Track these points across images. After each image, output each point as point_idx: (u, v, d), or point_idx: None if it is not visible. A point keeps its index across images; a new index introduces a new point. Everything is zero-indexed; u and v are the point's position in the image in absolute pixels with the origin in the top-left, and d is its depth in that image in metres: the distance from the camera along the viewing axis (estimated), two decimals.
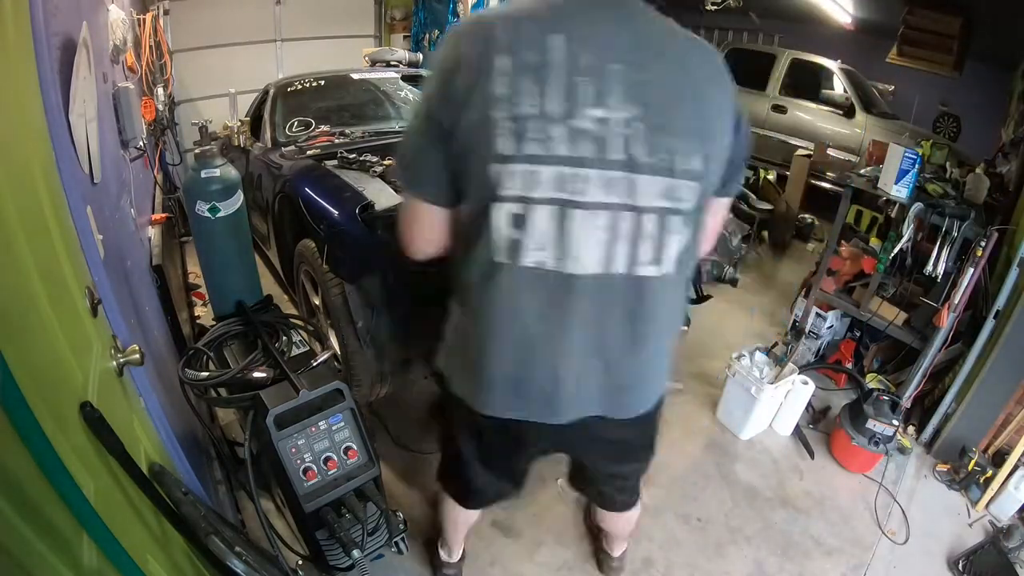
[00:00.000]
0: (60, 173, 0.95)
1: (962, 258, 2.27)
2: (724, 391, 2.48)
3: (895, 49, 4.78)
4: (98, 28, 1.97)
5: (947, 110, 5.38)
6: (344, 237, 1.80)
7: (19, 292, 0.71)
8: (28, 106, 0.89)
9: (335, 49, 5.12)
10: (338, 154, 2.18)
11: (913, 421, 2.53)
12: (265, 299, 1.88)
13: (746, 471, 2.28)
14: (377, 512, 1.45)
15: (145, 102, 3.00)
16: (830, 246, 2.88)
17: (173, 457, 1.24)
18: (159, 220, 2.48)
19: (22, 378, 0.62)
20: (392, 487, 2.04)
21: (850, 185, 2.76)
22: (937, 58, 4.54)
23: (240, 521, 1.72)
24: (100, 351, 0.95)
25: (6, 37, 0.80)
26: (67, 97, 1.15)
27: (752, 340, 3.11)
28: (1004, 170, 2.77)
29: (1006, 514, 2.10)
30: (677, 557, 1.89)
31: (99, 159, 1.34)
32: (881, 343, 2.77)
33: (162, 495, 0.95)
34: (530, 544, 1.90)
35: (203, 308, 2.81)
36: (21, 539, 0.60)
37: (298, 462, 1.35)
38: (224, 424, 2.09)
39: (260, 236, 2.68)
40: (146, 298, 1.76)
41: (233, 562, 0.92)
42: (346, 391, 1.43)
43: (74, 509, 0.72)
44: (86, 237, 1.01)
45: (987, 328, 2.20)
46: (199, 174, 1.65)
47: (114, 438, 0.82)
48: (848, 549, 1.97)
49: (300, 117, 2.73)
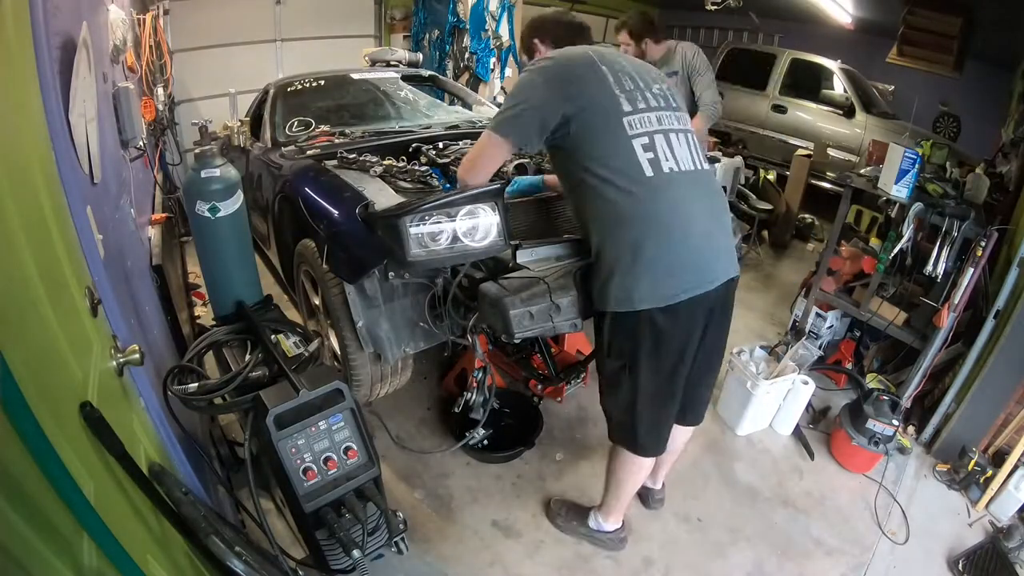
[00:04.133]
0: (60, 173, 0.95)
1: (962, 258, 2.27)
2: (723, 387, 2.50)
3: (895, 49, 4.79)
4: (98, 28, 1.97)
5: (947, 110, 5.38)
6: (344, 237, 1.80)
7: (19, 292, 0.71)
8: (28, 106, 0.89)
9: (335, 49, 5.12)
10: (338, 154, 2.17)
11: (913, 421, 2.53)
12: (265, 299, 1.88)
13: (746, 471, 2.29)
14: (377, 512, 1.45)
15: (145, 102, 3.01)
16: (830, 246, 2.88)
17: (173, 457, 1.24)
18: (159, 220, 2.48)
19: (22, 378, 0.62)
20: (392, 487, 2.04)
21: (850, 185, 2.76)
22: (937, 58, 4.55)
23: (240, 521, 1.72)
24: (100, 351, 0.95)
25: (6, 37, 0.80)
26: (67, 97, 1.15)
27: (752, 339, 3.12)
28: (1004, 170, 2.77)
29: (1006, 514, 2.10)
30: (677, 557, 1.89)
31: (99, 159, 1.34)
32: (881, 343, 2.77)
33: (162, 495, 0.95)
34: (530, 544, 1.90)
35: (203, 308, 2.81)
36: (21, 539, 0.60)
37: (298, 462, 1.35)
38: (224, 424, 2.09)
39: (260, 236, 2.68)
40: (146, 298, 1.76)
41: (233, 562, 0.92)
42: (346, 391, 1.42)
43: (74, 509, 0.72)
44: (86, 237, 1.01)
45: (987, 328, 2.20)
46: (199, 174, 1.64)
47: (114, 438, 0.82)
48: (848, 549, 1.97)
49: (300, 117, 2.72)
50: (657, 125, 1.40)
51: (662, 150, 1.37)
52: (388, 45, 5.16)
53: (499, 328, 1.53)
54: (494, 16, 4.46)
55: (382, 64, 3.68)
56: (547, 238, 1.84)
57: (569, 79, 1.39)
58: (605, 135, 1.36)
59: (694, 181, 1.41)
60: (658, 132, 1.39)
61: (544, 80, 1.40)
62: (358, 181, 1.94)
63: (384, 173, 2.02)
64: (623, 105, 1.38)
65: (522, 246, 1.72)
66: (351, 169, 2.07)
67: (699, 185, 1.43)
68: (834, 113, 5.29)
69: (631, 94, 1.41)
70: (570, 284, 1.53)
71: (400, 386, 2.20)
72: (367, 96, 3.07)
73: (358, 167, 2.07)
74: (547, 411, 2.43)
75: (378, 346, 1.84)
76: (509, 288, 1.53)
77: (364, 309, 1.81)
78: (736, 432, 2.46)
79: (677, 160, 1.39)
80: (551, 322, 1.52)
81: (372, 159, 2.10)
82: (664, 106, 1.45)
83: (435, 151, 2.22)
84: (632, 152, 1.35)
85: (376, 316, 1.82)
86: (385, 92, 3.10)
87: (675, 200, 1.36)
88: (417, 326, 1.89)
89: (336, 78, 3.15)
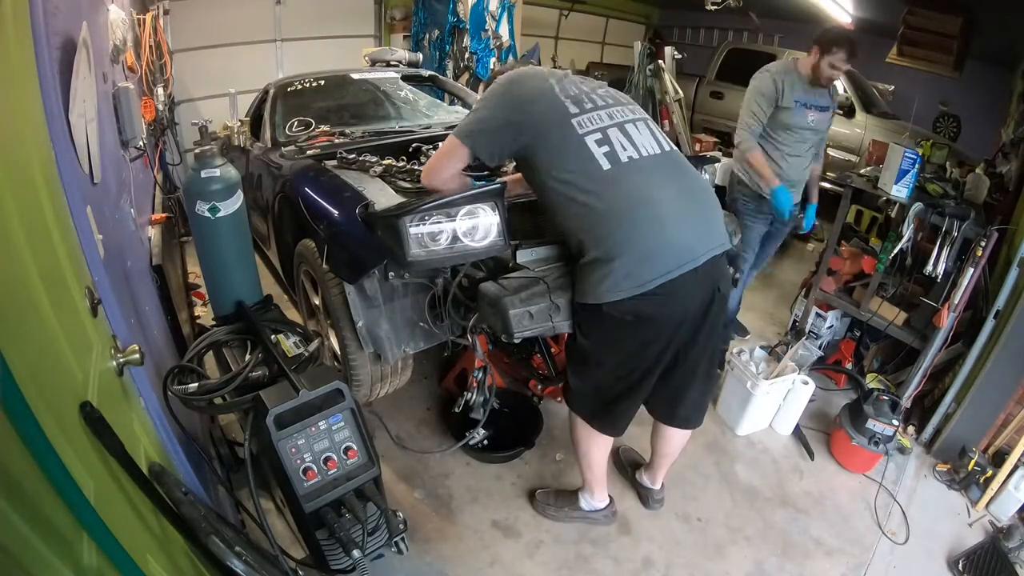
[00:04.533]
0: (60, 173, 0.95)
1: (962, 258, 2.27)
2: (723, 387, 2.50)
3: (895, 49, 4.78)
4: (98, 28, 1.97)
5: (947, 110, 5.37)
6: (344, 237, 1.80)
7: (19, 292, 0.71)
8: (28, 106, 0.89)
9: (335, 49, 5.12)
10: (338, 154, 2.17)
11: (913, 421, 2.53)
12: (265, 299, 1.88)
13: (746, 471, 2.29)
14: (377, 512, 1.45)
15: (145, 102, 3.01)
16: (830, 246, 2.89)
17: (173, 457, 1.24)
18: (159, 220, 2.48)
19: (22, 378, 0.62)
20: (392, 487, 2.04)
21: (850, 185, 2.76)
22: (937, 58, 4.54)
23: (240, 521, 1.72)
24: (100, 351, 0.95)
25: (6, 37, 0.80)
26: (67, 97, 1.15)
27: (753, 339, 3.12)
28: (1004, 170, 2.77)
29: (1006, 514, 2.10)
30: (677, 557, 1.89)
31: (99, 159, 1.34)
32: (881, 343, 2.77)
33: (162, 495, 0.95)
34: (530, 544, 1.90)
35: (203, 308, 2.81)
36: (21, 539, 0.60)
37: (298, 462, 1.35)
38: (224, 424, 2.09)
39: (260, 236, 2.68)
40: (146, 298, 1.75)
41: (233, 562, 0.92)
42: (346, 391, 1.42)
43: (74, 509, 0.72)
44: (86, 237, 1.01)
45: (987, 328, 2.20)
46: (199, 174, 1.64)
47: (114, 438, 0.82)
48: (848, 549, 1.97)
49: (300, 117, 2.72)
50: (608, 120, 1.45)
51: (618, 142, 1.41)
52: (388, 45, 5.16)
53: (499, 328, 1.53)
54: (494, 16, 4.46)
55: (382, 64, 3.68)
56: (547, 238, 1.85)
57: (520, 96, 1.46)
58: (559, 139, 1.41)
59: (660, 164, 1.45)
60: (611, 126, 1.44)
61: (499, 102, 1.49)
62: (358, 181, 1.93)
63: (384, 173, 2.02)
64: (570, 108, 1.44)
65: (522, 246, 1.72)
66: (351, 169, 2.07)
67: (666, 166, 1.46)
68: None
69: (576, 98, 1.46)
70: (570, 284, 1.53)
71: (400, 386, 2.20)
72: (367, 96, 3.07)
73: (358, 167, 2.07)
74: (547, 411, 2.43)
75: (378, 346, 1.84)
76: (509, 288, 1.54)
77: (364, 309, 1.81)
78: (736, 432, 2.46)
79: (637, 147, 1.43)
80: (551, 322, 1.52)
81: (372, 159, 2.10)
82: (613, 103, 1.51)
83: (435, 151, 2.22)
84: (585, 149, 1.39)
85: (376, 316, 1.82)
86: (385, 92, 3.10)
87: (639, 186, 1.39)
88: (417, 326, 1.88)
89: (336, 78, 3.15)
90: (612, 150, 1.39)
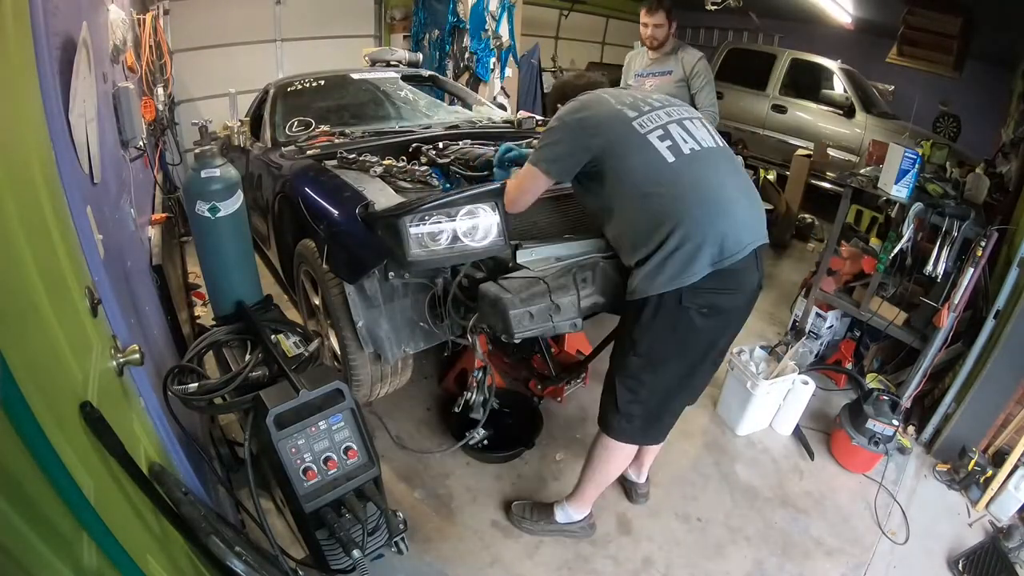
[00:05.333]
0: (60, 173, 0.95)
1: (962, 258, 2.27)
2: (723, 386, 2.50)
3: (895, 49, 4.77)
4: (98, 28, 1.97)
5: (947, 110, 5.38)
6: (344, 237, 1.80)
7: (19, 292, 0.71)
8: (28, 106, 0.89)
9: (335, 49, 5.12)
10: (338, 154, 2.17)
11: (913, 421, 2.53)
12: (265, 299, 1.88)
13: (746, 471, 2.29)
14: (377, 512, 1.45)
15: (145, 102, 3.00)
16: (830, 246, 2.88)
17: (173, 457, 1.24)
18: (159, 220, 2.48)
19: (22, 378, 0.62)
20: (392, 487, 2.04)
21: (850, 185, 2.76)
22: (937, 58, 4.53)
23: (240, 521, 1.72)
24: (100, 351, 0.95)
25: (6, 37, 0.80)
26: (67, 97, 1.15)
27: (753, 339, 3.11)
28: (1004, 170, 2.77)
29: (1006, 514, 2.10)
30: (677, 557, 1.89)
31: (99, 159, 1.34)
32: (881, 343, 2.77)
33: (162, 495, 0.95)
34: (530, 544, 1.90)
35: (203, 308, 2.81)
36: (21, 539, 0.60)
37: (298, 462, 1.35)
38: (224, 424, 2.09)
39: (260, 236, 2.68)
40: (146, 298, 1.76)
41: (233, 562, 0.92)
42: (346, 391, 1.42)
43: (74, 509, 0.72)
44: (86, 237, 1.01)
45: (987, 328, 2.20)
46: (199, 174, 1.64)
47: (114, 438, 0.82)
48: (848, 549, 1.97)
49: (300, 117, 2.72)
50: (667, 118, 1.50)
51: (679, 136, 1.47)
52: (388, 45, 5.16)
53: (499, 328, 1.53)
54: (494, 16, 4.45)
55: (382, 64, 3.68)
56: (547, 238, 1.85)
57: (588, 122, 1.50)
58: (624, 144, 1.45)
59: (719, 156, 1.51)
60: (671, 123, 1.49)
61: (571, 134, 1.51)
62: (358, 181, 1.93)
63: (384, 173, 2.02)
64: (629, 113, 1.48)
65: (522, 246, 1.72)
66: (351, 169, 2.07)
67: (723, 159, 1.52)
68: (834, 113, 5.29)
69: (633, 104, 1.51)
70: (570, 284, 1.53)
71: (400, 386, 2.20)
72: (367, 96, 3.07)
73: (358, 167, 2.07)
74: (547, 411, 2.43)
75: (378, 346, 1.84)
76: (509, 288, 1.54)
77: (364, 309, 1.81)
78: (736, 432, 2.46)
79: (697, 140, 1.48)
80: (551, 322, 1.53)
81: (372, 159, 2.10)
82: (668, 104, 1.56)
83: (435, 151, 2.22)
84: (649, 145, 1.43)
85: (376, 316, 1.82)
86: (385, 92, 3.10)
87: (705, 174, 1.45)
88: (417, 326, 1.89)
89: (336, 78, 3.15)
90: (675, 143, 1.44)
